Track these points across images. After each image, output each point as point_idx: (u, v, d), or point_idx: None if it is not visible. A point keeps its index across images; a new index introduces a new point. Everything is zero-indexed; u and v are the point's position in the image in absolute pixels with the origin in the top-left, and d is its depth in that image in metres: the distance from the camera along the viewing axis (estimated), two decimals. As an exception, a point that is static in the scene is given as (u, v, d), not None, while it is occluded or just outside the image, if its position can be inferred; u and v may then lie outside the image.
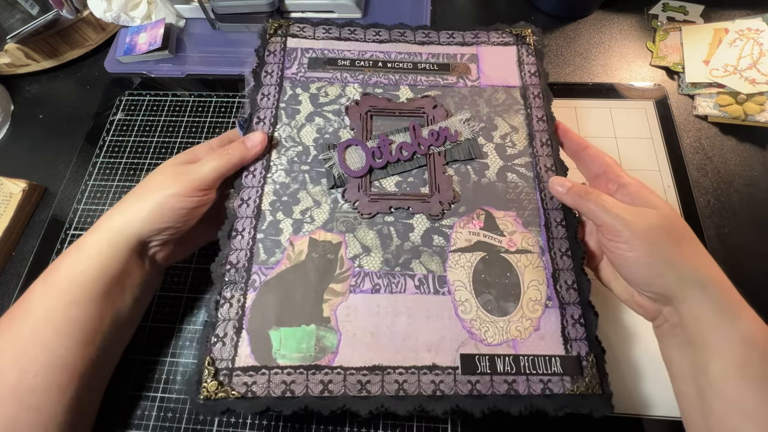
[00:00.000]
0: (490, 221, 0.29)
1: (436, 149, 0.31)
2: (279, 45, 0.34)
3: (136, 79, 0.47)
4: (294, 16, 0.51)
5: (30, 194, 0.40)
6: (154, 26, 0.47)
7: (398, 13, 0.49)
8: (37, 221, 0.40)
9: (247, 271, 0.26)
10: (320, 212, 0.28)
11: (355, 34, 0.35)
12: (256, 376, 0.24)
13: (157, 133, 0.43)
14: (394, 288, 0.26)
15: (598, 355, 0.25)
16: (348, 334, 0.25)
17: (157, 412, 0.30)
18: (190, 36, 0.49)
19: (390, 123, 0.32)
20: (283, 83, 0.33)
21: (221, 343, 0.24)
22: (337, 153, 0.30)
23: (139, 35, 0.47)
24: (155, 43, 0.45)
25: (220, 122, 0.44)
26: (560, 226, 0.29)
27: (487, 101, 0.33)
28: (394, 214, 0.29)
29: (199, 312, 0.34)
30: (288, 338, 0.25)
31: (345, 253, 0.27)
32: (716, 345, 0.22)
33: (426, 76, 0.34)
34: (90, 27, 0.48)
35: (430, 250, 0.28)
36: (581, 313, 0.26)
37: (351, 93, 0.33)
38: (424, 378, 0.24)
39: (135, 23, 0.48)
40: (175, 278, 0.36)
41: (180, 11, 0.49)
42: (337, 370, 0.24)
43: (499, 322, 0.26)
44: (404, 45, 0.35)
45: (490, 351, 0.25)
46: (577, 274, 0.27)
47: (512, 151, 0.31)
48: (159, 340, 0.33)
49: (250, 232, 0.27)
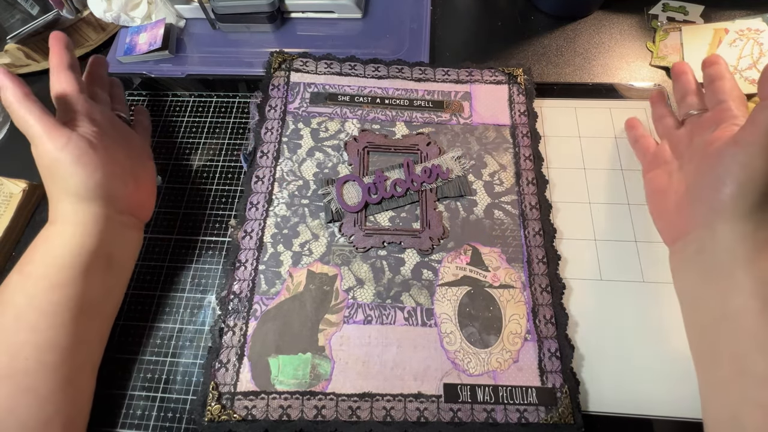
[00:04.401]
0: (477, 257, 0.31)
1: (428, 186, 0.33)
2: (283, 79, 0.36)
3: (136, 79, 0.46)
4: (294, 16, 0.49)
5: (30, 194, 0.39)
6: (154, 26, 0.46)
7: (398, 14, 0.48)
8: (37, 221, 0.39)
9: (249, 301, 0.28)
10: (318, 245, 0.30)
11: (355, 70, 0.37)
12: (256, 401, 0.26)
13: (157, 133, 0.43)
14: (384, 319, 0.29)
15: (572, 387, 0.27)
16: (341, 363, 0.27)
17: (157, 412, 0.30)
18: (190, 36, 0.48)
19: (386, 159, 0.34)
20: (286, 117, 0.35)
21: (224, 369, 0.26)
22: (335, 189, 0.32)
23: (139, 35, 0.46)
24: (155, 43, 0.45)
25: (220, 122, 0.43)
26: (541, 263, 0.31)
27: (478, 139, 0.35)
28: (387, 248, 0.31)
29: (200, 312, 0.34)
30: (286, 365, 0.27)
31: (340, 285, 0.29)
32: (742, 278, 0.22)
33: (421, 113, 0.36)
34: (90, 27, 0.47)
35: (419, 284, 0.30)
36: (557, 347, 0.28)
37: (350, 128, 0.35)
38: (410, 405, 0.26)
39: (135, 23, 0.47)
40: (175, 278, 0.36)
41: (180, 11, 0.48)
42: (330, 396, 0.26)
43: (481, 354, 0.28)
44: (401, 81, 0.37)
45: (472, 381, 0.27)
46: (555, 309, 0.29)
47: (500, 188, 0.33)
48: (159, 341, 0.33)
49: (253, 264, 0.29)
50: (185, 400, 0.32)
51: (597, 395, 0.30)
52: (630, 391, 0.31)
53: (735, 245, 0.23)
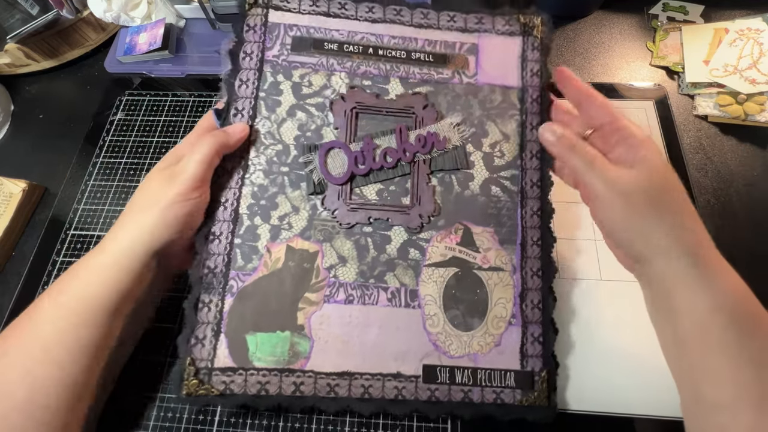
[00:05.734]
0: (468, 237, 0.29)
1: (422, 156, 0.29)
2: (260, 18, 0.31)
3: (136, 79, 0.46)
4: None
5: (30, 194, 0.40)
6: (154, 26, 0.46)
7: None
8: (37, 221, 0.40)
9: (225, 277, 0.27)
10: (298, 219, 0.28)
11: (346, 10, 0.31)
12: (234, 376, 0.26)
13: (157, 133, 0.43)
14: (366, 300, 0.28)
15: (551, 370, 0.28)
16: (320, 342, 0.27)
17: (157, 412, 0.31)
18: (190, 36, 0.48)
19: (376, 123, 0.30)
20: (264, 68, 0.30)
21: (200, 345, 0.26)
22: (319, 157, 0.29)
23: (139, 35, 0.46)
24: (155, 43, 0.45)
25: None
26: (536, 245, 0.29)
27: (481, 102, 0.31)
28: (372, 225, 0.29)
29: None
30: (264, 343, 0.26)
31: (321, 262, 0.28)
32: (681, 308, 0.23)
33: (419, 68, 0.31)
34: (90, 27, 0.48)
35: (404, 264, 0.28)
36: (541, 332, 0.28)
37: (337, 84, 0.30)
38: (388, 384, 0.27)
39: (135, 23, 0.47)
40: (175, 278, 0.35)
41: (180, 11, 0.48)
42: (309, 374, 0.26)
43: (463, 337, 0.28)
44: (399, 27, 0.31)
45: (452, 363, 0.27)
46: (544, 294, 0.28)
47: (500, 162, 0.30)
48: (159, 340, 0.33)
49: (228, 237, 0.27)
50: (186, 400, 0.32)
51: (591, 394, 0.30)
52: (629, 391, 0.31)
53: (673, 276, 0.23)
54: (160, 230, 0.25)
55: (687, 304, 0.23)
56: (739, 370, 0.21)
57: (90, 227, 0.39)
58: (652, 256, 0.24)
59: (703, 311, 0.22)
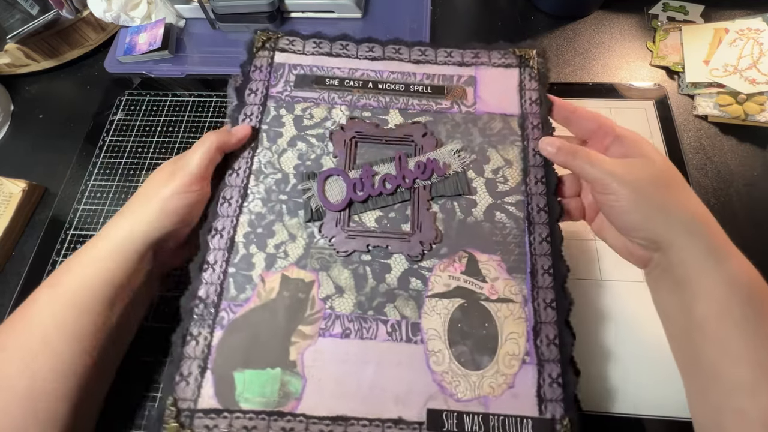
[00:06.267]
0: (473, 265, 0.27)
1: (422, 183, 0.29)
2: (266, 60, 0.33)
3: (136, 79, 0.47)
4: (294, 16, 0.49)
5: (30, 194, 0.40)
6: (154, 26, 0.46)
7: (398, 13, 0.47)
8: (37, 221, 0.40)
9: (216, 308, 0.26)
10: (295, 247, 0.27)
11: (347, 50, 0.33)
12: (218, 419, 0.23)
13: (157, 133, 0.43)
14: (365, 333, 0.25)
15: (574, 419, 0.24)
16: (314, 380, 0.24)
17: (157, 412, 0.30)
18: (190, 36, 0.49)
19: (375, 151, 0.30)
20: (267, 102, 0.31)
21: (185, 383, 0.24)
22: (317, 183, 0.28)
23: (139, 35, 0.47)
24: (155, 43, 0.45)
25: (220, 122, 0.43)
26: (547, 274, 0.27)
27: (481, 130, 0.31)
28: (371, 253, 0.27)
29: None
30: (252, 381, 0.24)
31: (317, 293, 0.26)
32: (701, 286, 0.23)
33: (418, 100, 0.32)
34: (90, 27, 0.48)
35: (405, 294, 0.26)
36: (560, 372, 0.25)
37: (337, 116, 0.31)
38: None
39: (135, 23, 0.47)
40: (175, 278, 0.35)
41: (180, 11, 0.49)
42: (300, 418, 0.24)
43: (471, 377, 0.25)
44: (398, 63, 0.33)
45: (460, 407, 0.24)
46: (560, 327, 0.26)
47: (503, 187, 0.29)
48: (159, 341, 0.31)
49: (222, 266, 0.27)
50: None
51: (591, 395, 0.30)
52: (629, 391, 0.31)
53: (692, 259, 0.23)
54: (159, 221, 0.26)
55: (708, 283, 0.22)
56: (758, 350, 0.21)
57: (90, 227, 0.39)
58: (674, 236, 0.23)
59: (724, 290, 0.22)
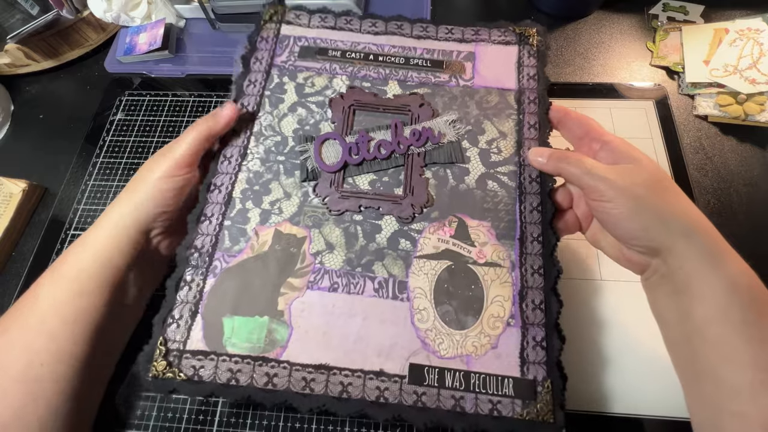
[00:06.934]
0: (462, 230, 0.28)
1: (416, 150, 0.29)
2: (272, 32, 0.34)
3: (136, 79, 0.46)
4: None
5: (30, 194, 0.40)
6: (154, 26, 0.47)
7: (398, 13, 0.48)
8: (37, 221, 0.40)
9: (210, 257, 0.26)
10: (289, 204, 0.28)
11: (351, 25, 0.34)
12: (205, 361, 0.24)
13: (157, 133, 0.43)
14: (352, 288, 0.26)
15: (556, 381, 0.24)
16: (300, 330, 0.25)
17: (157, 412, 0.30)
18: (190, 36, 0.49)
19: (373, 119, 0.31)
20: (271, 71, 0.32)
21: (176, 325, 0.25)
22: (314, 146, 0.29)
23: (139, 35, 0.47)
24: (155, 43, 0.45)
25: None
26: (536, 241, 0.27)
27: (477, 103, 0.31)
28: (363, 213, 0.28)
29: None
30: (240, 327, 0.25)
31: (308, 248, 0.27)
32: (700, 291, 0.22)
33: (417, 72, 0.32)
34: (90, 27, 0.48)
35: (394, 254, 0.27)
36: (544, 336, 0.25)
37: (338, 85, 0.32)
38: (370, 383, 0.24)
39: (135, 23, 0.47)
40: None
41: (180, 11, 0.49)
42: (284, 365, 0.24)
43: (455, 335, 0.25)
44: (399, 38, 0.34)
45: (441, 364, 0.24)
46: (546, 294, 0.26)
47: (497, 158, 0.30)
48: None
49: (218, 219, 0.27)
50: (185, 400, 0.31)
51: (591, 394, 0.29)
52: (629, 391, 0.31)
53: (691, 264, 0.23)
54: (147, 205, 0.27)
55: (708, 286, 0.22)
56: (758, 353, 0.20)
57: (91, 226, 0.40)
58: (673, 242, 0.23)
59: (723, 294, 0.21)
